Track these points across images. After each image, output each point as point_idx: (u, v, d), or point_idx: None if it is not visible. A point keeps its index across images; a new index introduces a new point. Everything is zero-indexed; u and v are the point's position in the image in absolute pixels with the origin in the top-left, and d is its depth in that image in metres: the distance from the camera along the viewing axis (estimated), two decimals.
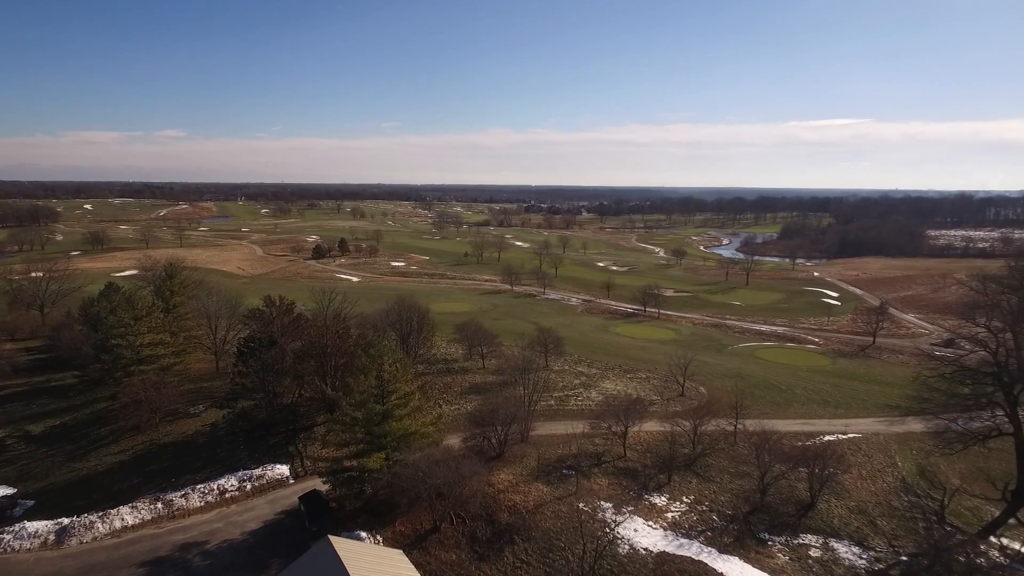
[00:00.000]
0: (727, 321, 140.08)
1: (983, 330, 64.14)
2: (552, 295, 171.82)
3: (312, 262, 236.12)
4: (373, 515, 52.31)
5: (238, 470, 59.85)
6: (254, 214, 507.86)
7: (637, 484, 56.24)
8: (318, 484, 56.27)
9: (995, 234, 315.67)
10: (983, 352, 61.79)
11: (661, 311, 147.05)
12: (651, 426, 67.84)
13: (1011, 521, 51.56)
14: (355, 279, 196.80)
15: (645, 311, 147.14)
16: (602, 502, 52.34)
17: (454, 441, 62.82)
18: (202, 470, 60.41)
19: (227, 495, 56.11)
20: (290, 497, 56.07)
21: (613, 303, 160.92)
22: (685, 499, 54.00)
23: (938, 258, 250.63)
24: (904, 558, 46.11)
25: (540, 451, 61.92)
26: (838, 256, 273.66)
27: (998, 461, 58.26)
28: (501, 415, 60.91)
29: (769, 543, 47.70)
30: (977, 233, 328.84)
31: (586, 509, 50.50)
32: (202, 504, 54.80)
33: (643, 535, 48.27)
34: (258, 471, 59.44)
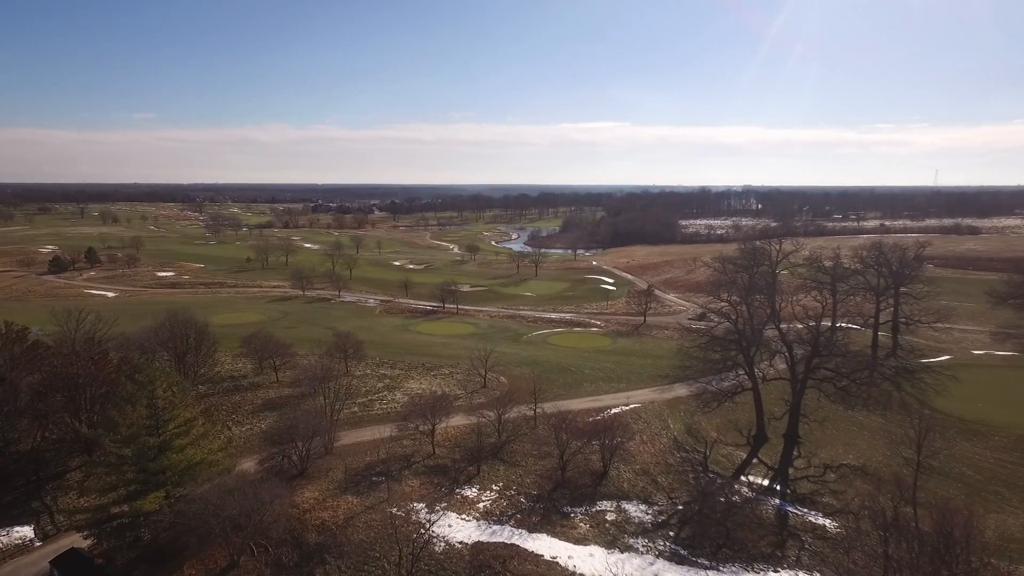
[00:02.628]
0: (521, 312, 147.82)
1: (725, 304, 76.29)
2: (348, 298, 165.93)
3: (50, 277, 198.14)
4: (154, 564, 45.54)
5: None
6: None
7: (448, 480, 56.64)
8: (77, 541, 47.34)
9: (728, 222, 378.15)
10: (727, 322, 73.46)
11: (459, 306, 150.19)
12: (458, 420, 68.81)
13: (754, 461, 62.03)
14: (111, 294, 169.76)
15: (444, 307, 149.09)
16: (415, 503, 51.75)
17: (249, 465, 57.40)
18: None
19: None
20: (38, 563, 46.37)
21: (412, 302, 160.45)
22: (494, 487, 55.72)
23: (689, 244, 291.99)
24: (680, 507, 52.80)
25: (347, 461, 59.28)
26: (611, 246, 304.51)
27: (743, 413, 69.46)
28: (301, 429, 57.02)
29: (572, 515, 51.29)
30: (716, 221, 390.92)
31: (399, 513, 49.47)
32: None
33: (458, 529, 48.74)
34: None
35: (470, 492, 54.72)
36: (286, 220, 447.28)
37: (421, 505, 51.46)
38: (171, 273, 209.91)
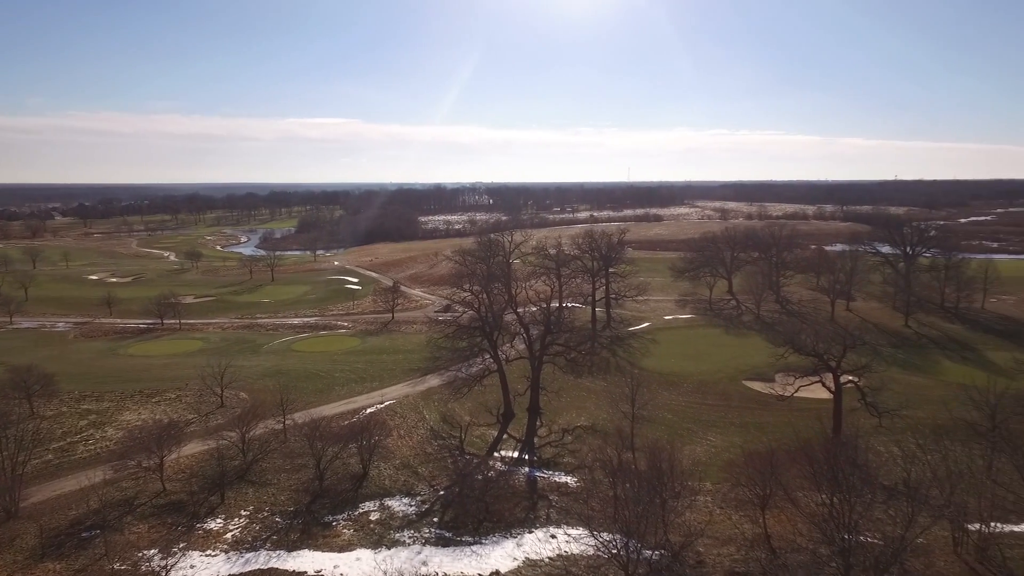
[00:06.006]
0: (259, 320, 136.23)
1: (468, 294, 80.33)
2: (26, 323, 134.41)
3: None
4: None
5: None
6: None
7: (186, 516, 49.73)
8: None
9: (464, 217, 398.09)
10: (471, 311, 77.40)
11: (183, 321, 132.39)
12: (192, 448, 60.93)
13: (505, 437, 66.61)
14: None
15: (163, 324, 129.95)
16: (144, 551, 44.29)
17: None
18: None
19: None
20: None
21: (119, 321, 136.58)
22: (244, 512, 50.57)
23: (429, 240, 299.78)
24: (442, 492, 54.20)
25: (43, 522, 48.14)
26: (353, 244, 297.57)
27: (492, 394, 73.99)
28: None
29: (334, 523, 49.09)
30: (453, 217, 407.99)
31: (124, 568, 41.87)
32: None
33: (203, 568, 43.06)
34: None
35: (215, 524, 48.77)
36: None
37: (153, 551, 44.26)
38: None
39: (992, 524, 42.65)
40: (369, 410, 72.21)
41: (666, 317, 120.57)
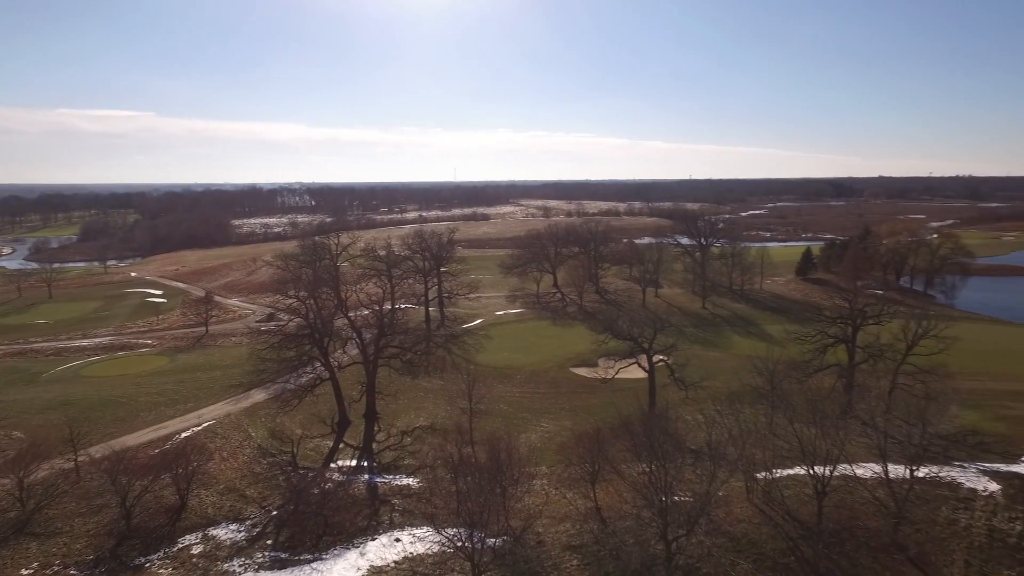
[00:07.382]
0: (35, 345, 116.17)
1: (294, 300, 75.92)
2: None
3: None
4: None
5: None
6: None
7: None
8: None
9: (284, 220, 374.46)
10: (298, 318, 73.23)
11: None
12: None
13: (341, 446, 64.11)
14: None
15: None
16: None
17: None
18: None
19: None
20: None
21: None
22: (25, 572, 43.02)
23: (245, 244, 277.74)
24: (275, 512, 50.70)
25: None
26: (153, 253, 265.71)
27: (325, 403, 70.65)
28: None
29: (148, 565, 43.68)
30: (272, 219, 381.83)
31: None
32: None
33: None
34: None
35: None
36: None
37: None
38: None
39: (774, 471, 50.13)
40: (184, 434, 65.24)
41: (498, 312, 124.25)
